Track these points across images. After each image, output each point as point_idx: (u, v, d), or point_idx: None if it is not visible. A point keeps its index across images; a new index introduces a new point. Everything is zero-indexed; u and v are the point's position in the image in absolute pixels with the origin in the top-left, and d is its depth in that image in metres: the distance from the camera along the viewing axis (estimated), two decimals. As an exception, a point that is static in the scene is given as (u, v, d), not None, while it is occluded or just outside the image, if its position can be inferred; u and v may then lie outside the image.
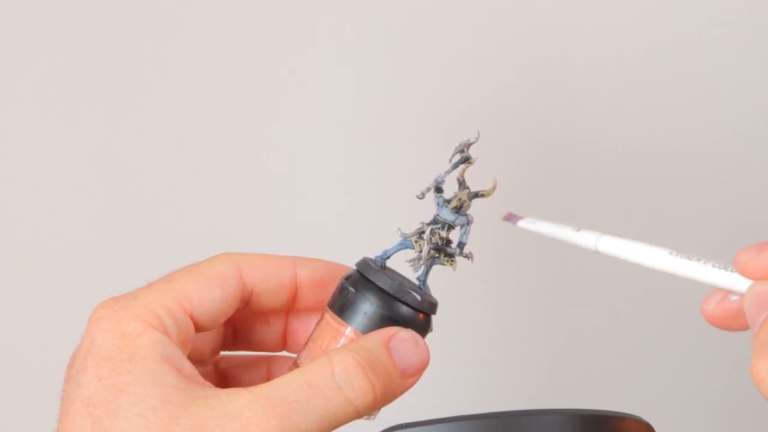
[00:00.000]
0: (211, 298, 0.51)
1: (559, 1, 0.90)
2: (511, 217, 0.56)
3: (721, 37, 0.92)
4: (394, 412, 0.89)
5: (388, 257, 0.54)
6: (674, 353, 0.94)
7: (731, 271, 0.49)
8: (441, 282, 0.84)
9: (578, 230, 0.54)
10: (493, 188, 0.56)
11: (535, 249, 0.91)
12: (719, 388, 0.94)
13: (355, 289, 0.52)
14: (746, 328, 0.51)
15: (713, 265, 0.50)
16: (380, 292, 0.52)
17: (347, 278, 0.53)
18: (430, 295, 0.54)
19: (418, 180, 0.92)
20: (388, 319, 0.51)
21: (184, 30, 0.87)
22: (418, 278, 0.54)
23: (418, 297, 0.52)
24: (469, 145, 0.55)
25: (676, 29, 0.91)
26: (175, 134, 0.87)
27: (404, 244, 0.55)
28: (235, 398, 0.47)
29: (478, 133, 0.54)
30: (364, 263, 0.53)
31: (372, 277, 0.52)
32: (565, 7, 0.90)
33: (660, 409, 0.94)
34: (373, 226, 0.86)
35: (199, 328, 0.52)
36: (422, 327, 0.53)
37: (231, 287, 0.52)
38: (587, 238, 0.54)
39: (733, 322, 0.51)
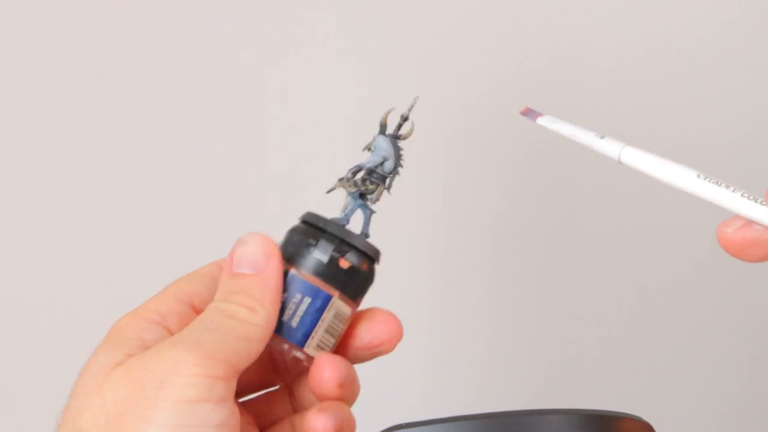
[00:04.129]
0: (202, 285, 0.54)
1: (560, 1, 0.90)
2: (529, 113, 0.55)
3: (722, 38, 0.92)
4: (395, 412, 0.89)
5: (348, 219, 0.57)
6: (674, 353, 0.94)
7: (762, 203, 0.47)
8: (441, 281, 0.84)
9: (602, 137, 0.53)
10: (410, 131, 0.58)
11: (535, 249, 0.92)
12: (719, 388, 0.94)
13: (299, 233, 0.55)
14: (761, 259, 0.50)
15: (743, 195, 0.48)
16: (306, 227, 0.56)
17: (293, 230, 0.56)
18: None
19: (418, 179, 0.92)
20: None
21: (185, 31, 0.87)
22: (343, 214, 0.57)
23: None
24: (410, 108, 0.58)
25: (676, 29, 0.91)
26: (174, 136, 0.87)
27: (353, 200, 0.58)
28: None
29: (415, 98, 0.57)
30: (316, 217, 0.56)
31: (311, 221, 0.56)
32: (567, 7, 0.90)
33: (660, 409, 0.94)
34: (374, 223, 0.86)
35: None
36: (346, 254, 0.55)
37: (215, 274, 0.55)
38: (611, 147, 0.52)
39: (750, 250, 0.49)
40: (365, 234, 0.57)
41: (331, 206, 0.89)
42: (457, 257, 0.90)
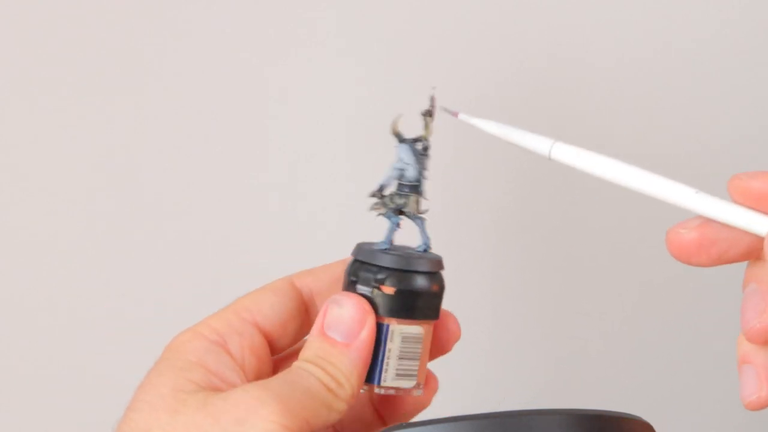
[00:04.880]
0: (269, 303, 0.54)
1: (560, 1, 0.90)
2: (445, 111, 0.55)
3: (722, 38, 0.92)
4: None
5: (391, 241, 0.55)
6: (675, 353, 0.94)
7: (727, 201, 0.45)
8: (444, 276, 0.84)
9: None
10: (428, 131, 0.57)
11: (538, 244, 0.92)
12: (719, 388, 0.94)
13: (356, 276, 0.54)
14: (714, 261, 0.48)
15: (697, 192, 0.47)
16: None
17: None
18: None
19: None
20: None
21: (185, 31, 0.87)
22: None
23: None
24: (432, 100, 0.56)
25: (676, 29, 0.91)
26: (174, 135, 0.87)
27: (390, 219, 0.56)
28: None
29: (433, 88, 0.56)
30: (357, 248, 0.55)
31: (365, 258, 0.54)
32: (567, 7, 0.90)
33: (660, 409, 0.94)
34: (374, 223, 0.86)
35: (269, 335, 0.54)
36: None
37: (284, 291, 0.55)
38: (540, 142, 0.52)
39: (705, 252, 0.49)
40: (425, 246, 0.56)
41: (332, 206, 0.89)
42: (460, 252, 0.90)
